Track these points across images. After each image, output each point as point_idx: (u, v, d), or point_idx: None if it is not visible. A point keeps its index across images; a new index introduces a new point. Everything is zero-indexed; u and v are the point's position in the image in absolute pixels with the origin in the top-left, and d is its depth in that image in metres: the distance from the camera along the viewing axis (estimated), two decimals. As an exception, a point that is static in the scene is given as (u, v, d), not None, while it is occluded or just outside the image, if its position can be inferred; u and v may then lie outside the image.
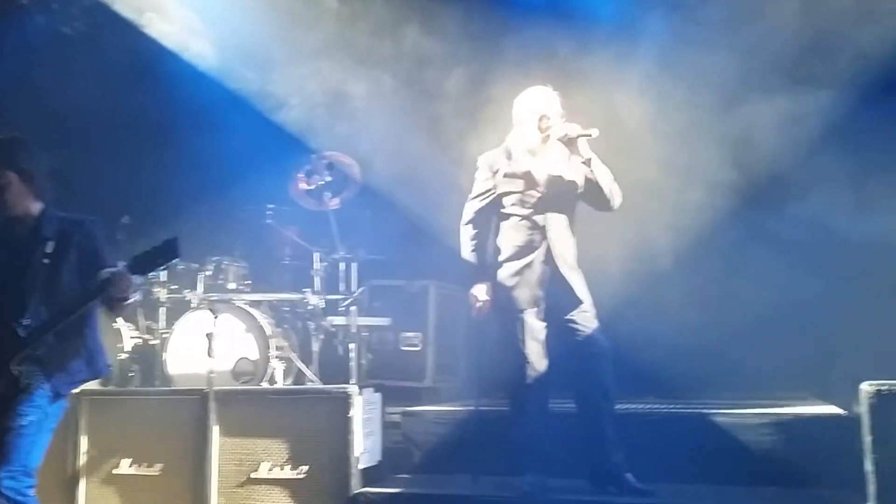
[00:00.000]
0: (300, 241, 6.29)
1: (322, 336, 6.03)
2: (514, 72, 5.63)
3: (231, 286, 6.11)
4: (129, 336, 5.99)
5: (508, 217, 4.31)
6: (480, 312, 4.30)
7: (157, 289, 5.98)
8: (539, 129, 4.21)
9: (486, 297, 4.27)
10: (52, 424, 3.52)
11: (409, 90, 6.29)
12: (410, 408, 5.16)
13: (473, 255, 4.35)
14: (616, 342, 4.32)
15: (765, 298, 5.72)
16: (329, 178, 6.14)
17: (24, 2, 6.55)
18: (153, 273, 3.45)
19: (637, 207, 4.28)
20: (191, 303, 5.91)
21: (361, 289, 6.30)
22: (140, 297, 3.51)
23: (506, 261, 4.28)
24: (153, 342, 6.02)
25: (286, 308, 6.22)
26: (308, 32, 6.33)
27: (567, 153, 4.26)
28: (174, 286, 6.04)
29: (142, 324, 6.10)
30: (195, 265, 6.09)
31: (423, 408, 5.22)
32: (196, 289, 5.95)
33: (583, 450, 4.25)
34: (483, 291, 4.28)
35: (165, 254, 3.35)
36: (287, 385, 5.66)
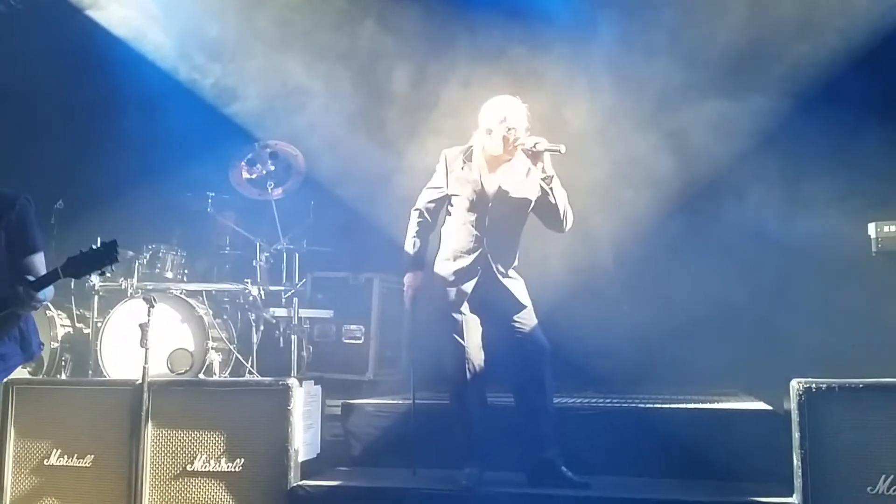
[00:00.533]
0: (242, 231, 6.19)
1: (262, 327, 5.96)
2: (466, 72, 5.67)
3: (168, 275, 5.98)
4: (61, 325, 5.83)
5: (454, 217, 4.34)
6: (409, 300, 4.41)
7: (91, 276, 5.81)
8: (504, 140, 4.20)
9: (414, 285, 4.36)
10: None
11: (361, 84, 6.25)
12: (351, 401, 5.14)
13: (414, 242, 4.40)
14: (556, 337, 4.38)
15: (699, 297, 5.86)
16: (272, 168, 6.06)
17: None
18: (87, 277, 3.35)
19: (578, 206, 4.32)
20: (126, 291, 5.76)
21: (304, 280, 6.24)
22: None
23: (446, 259, 4.33)
24: (86, 331, 5.87)
25: (226, 298, 6.12)
26: (267, 24, 6.24)
27: (528, 167, 4.25)
28: (108, 274, 5.85)
29: (74, 312, 5.94)
30: (131, 253, 5.94)
31: (364, 401, 5.20)
32: (131, 277, 5.81)
33: (520, 443, 4.30)
34: (411, 279, 4.37)
35: (102, 258, 3.26)
36: (225, 377, 5.57)
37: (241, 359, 5.72)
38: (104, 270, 3.38)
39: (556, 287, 5.18)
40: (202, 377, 5.41)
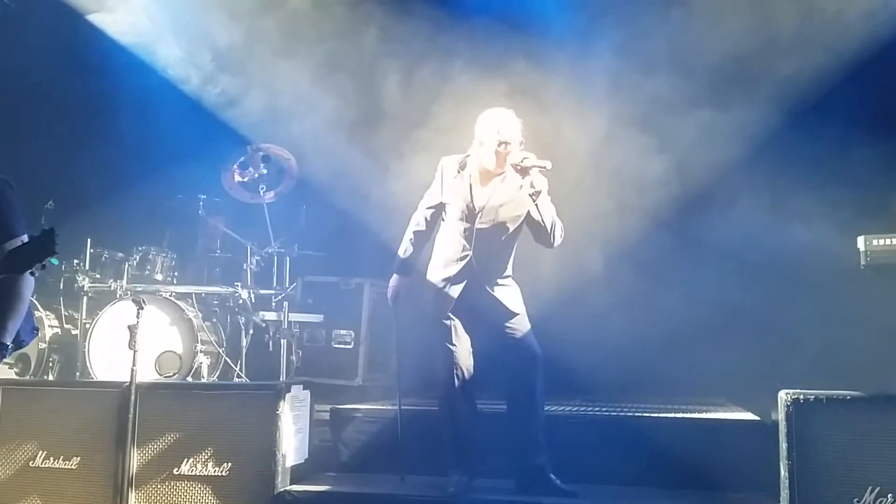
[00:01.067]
0: (233, 234, 6.18)
1: (252, 331, 5.94)
2: (462, 82, 5.70)
3: (158, 277, 5.96)
4: (49, 325, 5.79)
5: (447, 225, 4.36)
6: (391, 299, 4.48)
7: (81, 277, 5.79)
8: (497, 154, 4.21)
9: (397, 287, 4.43)
10: None
11: (355, 91, 6.25)
12: (340, 406, 5.12)
13: (406, 248, 4.44)
14: (546, 346, 4.38)
15: (689, 307, 5.89)
16: (264, 171, 6.06)
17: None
18: (31, 272, 3.14)
19: (568, 215, 4.32)
20: (115, 293, 5.74)
21: (294, 284, 6.23)
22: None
23: (437, 265, 4.35)
24: (74, 332, 5.84)
25: (215, 301, 6.10)
26: (269, 32, 6.25)
27: (520, 182, 4.25)
28: (98, 275, 5.86)
29: (63, 313, 5.90)
30: (121, 254, 5.93)
31: (353, 406, 5.19)
32: (121, 279, 5.78)
33: (509, 450, 4.30)
34: (395, 282, 4.45)
35: (39, 251, 3.03)
36: (213, 380, 5.55)
37: (230, 362, 5.71)
38: (45, 263, 3.10)
39: (547, 296, 5.19)
40: (190, 380, 5.39)
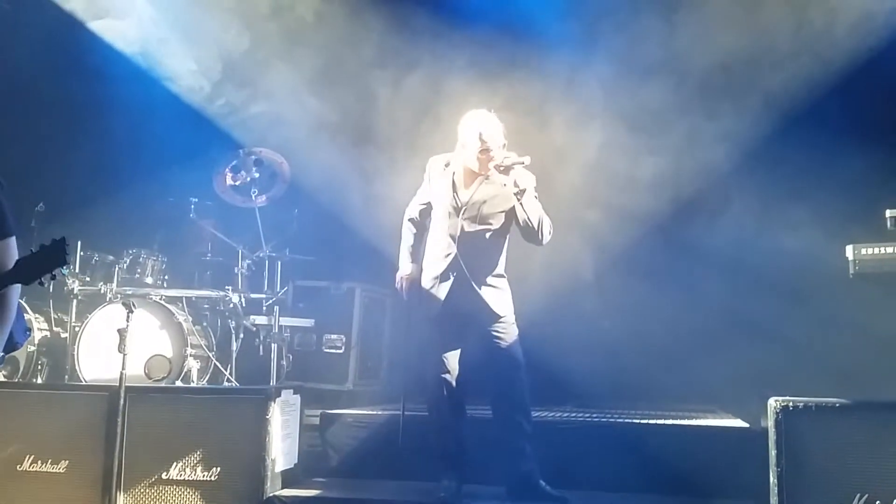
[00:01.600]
0: (224, 238, 6.16)
1: (242, 335, 5.92)
2: (457, 88, 5.70)
3: (148, 280, 5.94)
4: (38, 328, 5.76)
5: (434, 223, 4.38)
6: (405, 292, 4.42)
7: (70, 280, 5.77)
8: (479, 157, 4.23)
9: (409, 277, 4.40)
10: None
11: (351, 96, 6.25)
12: (330, 410, 5.11)
13: (407, 248, 4.45)
14: (536, 351, 4.39)
15: (679, 314, 5.91)
16: (257, 175, 6.04)
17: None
18: (40, 282, 3.04)
19: (559, 222, 4.34)
20: (105, 296, 5.71)
21: (285, 288, 6.22)
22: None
23: (427, 266, 4.36)
24: (63, 335, 5.80)
25: (206, 305, 6.08)
26: (268, 37, 6.24)
27: (504, 181, 4.25)
28: (88, 278, 5.84)
29: (52, 316, 5.87)
30: (111, 257, 5.90)
31: (343, 411, 5.18)
32: (111, 282, 5.76)
33: (499, 456, 4.29)
34: (404, 273, 4.43)
35: (51, 261, 2.93)
36: (202, 384, 5.53)
37: (220, 366, 5.69)
38: (55, 274, 3.01)
39: (537, 302, 5.19)
40: (180, 384, 5.37)
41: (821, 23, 5.49)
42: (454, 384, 4.28)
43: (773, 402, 3.72)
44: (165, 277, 6.06)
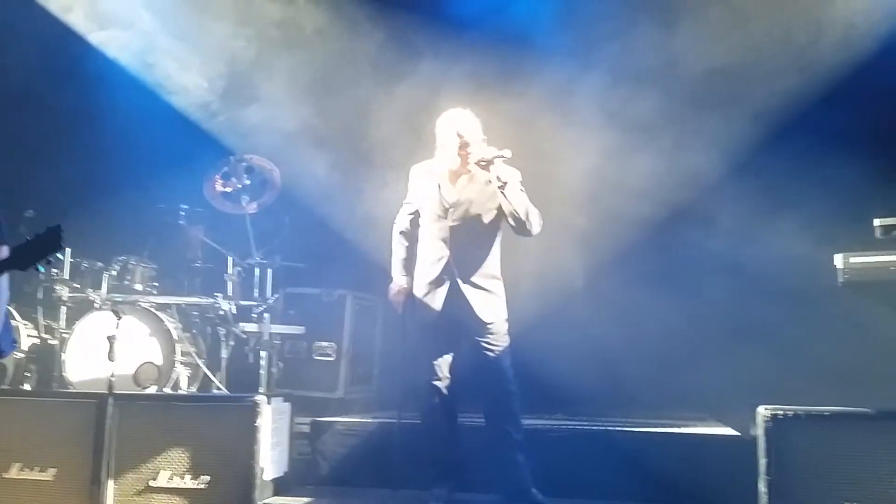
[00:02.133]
0: (214, 245, 6.14)
1: (232, 342, 5.89)
2: (451, 94, 5.68)
3: (137, 287, 5.91)
4: (27, 335, 5.72)
5: (423, 230, 4.38)
6: (400, 305, 4.44)
7: (59, 287, 5.74)
8: (459, 154, 4.24)
9: (400, 291, 4.41)
10: None
11: (342, 105, 6.25)
12: (320, 418, 5.09)
13: (399, 261, 4.46)
14: (528, 358, 4.38)
15: (669, 322, 5.92)
16: (247, 182, 6.02)
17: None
18: (36, 267, 3.09)
19: (550, 227, 4.35)
20: (94, 303, 5.68)
21: (276, 296, 6.19)
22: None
23: (419, 273, 4.35)
24: (52, 342, 5.77)
25: (195, 312, 6.05)
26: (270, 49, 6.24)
27: (487, 177, 4.27)
28: (77, 284, 5.81)
29: (40, 322, 5.84)
30: (100, 264, 5.87)
31: (333, 419, 5.16)
32: (100, 288, 5.73)
33: (490, 464, 4.29)
34: (398, 286, 4.44)
35: (47, 246, 3.03)
36: (192, 392, 5.50)
37: (210, 374, 5.66)
38: (50, 259, 3.12)
39: (527, 309, 5.19)
40: (169, 391, 5.34)
41: (808, 35, 5.53)
42: (446, 391, 4.28)
43: (763, 411, 3.73)
44: (155, 284, 6.04)
